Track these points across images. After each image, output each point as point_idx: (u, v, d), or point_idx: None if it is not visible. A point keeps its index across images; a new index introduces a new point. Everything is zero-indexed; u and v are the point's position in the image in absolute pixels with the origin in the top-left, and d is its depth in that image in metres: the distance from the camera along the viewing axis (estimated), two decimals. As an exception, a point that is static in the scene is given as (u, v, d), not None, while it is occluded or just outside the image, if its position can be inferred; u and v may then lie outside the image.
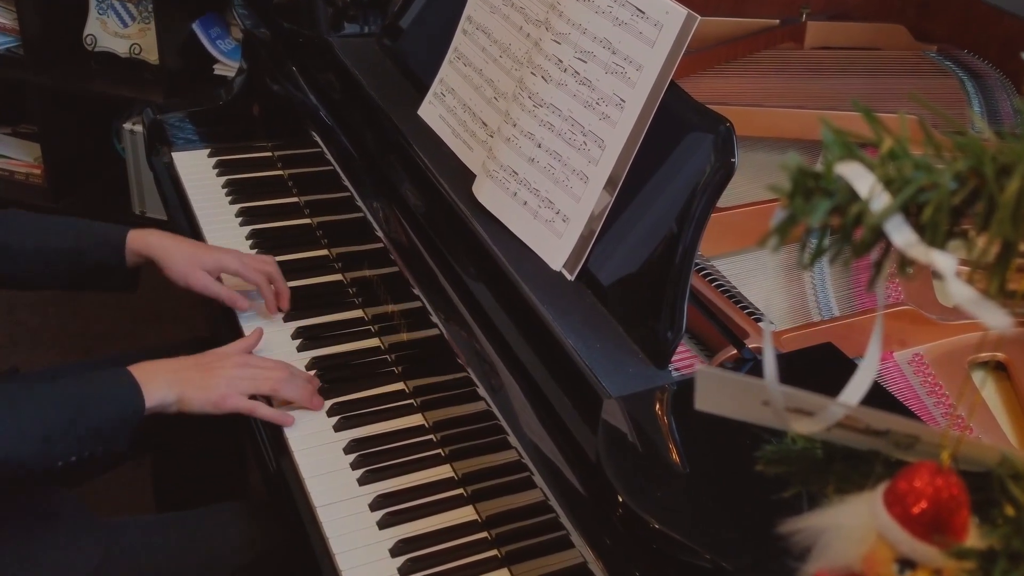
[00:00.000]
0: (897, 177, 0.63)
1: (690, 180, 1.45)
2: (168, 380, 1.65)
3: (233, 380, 1.71)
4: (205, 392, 1.68)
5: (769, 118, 2.04)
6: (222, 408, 1.70)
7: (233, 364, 1.74)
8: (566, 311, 1.51)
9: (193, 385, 1.67)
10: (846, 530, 0.70)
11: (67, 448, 1.55)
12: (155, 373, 1.66)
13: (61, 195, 3.79)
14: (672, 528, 1.17)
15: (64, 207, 3.75)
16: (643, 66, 1.51)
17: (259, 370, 1.75)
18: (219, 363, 1.73)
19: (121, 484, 2.58)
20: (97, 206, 3.78)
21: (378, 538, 1.57)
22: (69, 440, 1.55)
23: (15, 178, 3.89)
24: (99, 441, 1.58)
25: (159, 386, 1.64)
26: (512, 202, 1.65)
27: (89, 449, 1.57)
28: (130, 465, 2.14)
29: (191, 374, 1.69)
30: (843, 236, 0.64)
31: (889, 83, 2.26)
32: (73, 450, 1.55)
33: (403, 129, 1.91)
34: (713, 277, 1.64)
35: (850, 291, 1.70)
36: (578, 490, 1.35)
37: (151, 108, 2.47)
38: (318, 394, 1.80)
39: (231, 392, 1.70)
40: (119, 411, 1.60)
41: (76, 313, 3.57)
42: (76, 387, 1.60)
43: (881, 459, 0.75)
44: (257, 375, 1.74)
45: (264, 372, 1.75)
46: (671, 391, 1.39)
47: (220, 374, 1.71)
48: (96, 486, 2.02)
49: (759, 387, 0.70)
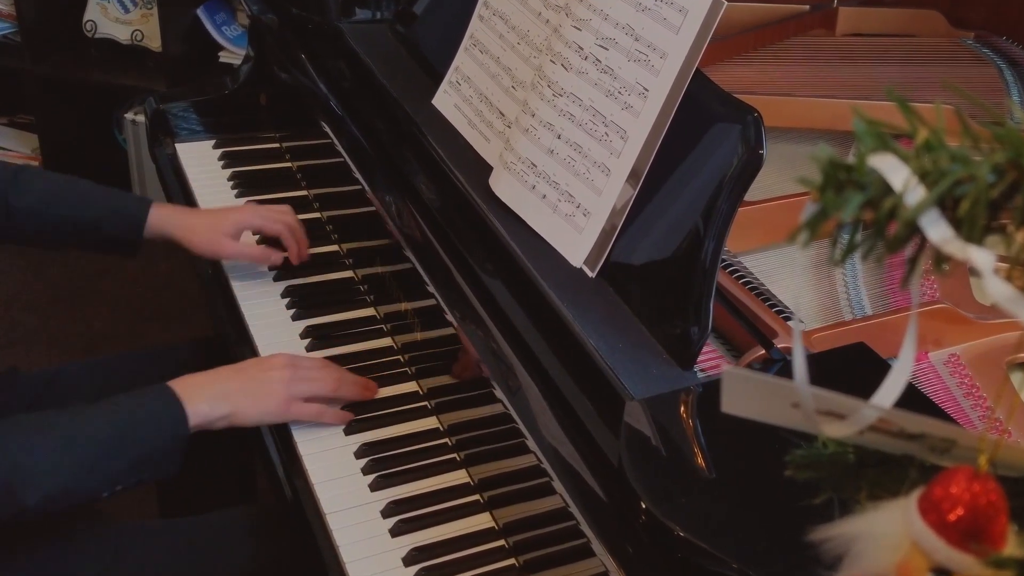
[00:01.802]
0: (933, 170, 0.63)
1: (716, 173, 1.45)
2: (213, 394, 1.62)
3: (290, 384, 1.68)
4: (263, 402, 1.66)
5: (799, 108, 2.04)
6: (286, 417, 1.69)
7: (282, 367, 1.70)
8: (587, 309, 1.51)
9: (246, 396, 1.65)
10: (879, 538, 0.70)
11: (113, 477, 1.53)
12: (198, 387, 1.62)
13: (60, 188, 3.80)
14: (698, 536, 1.17)
15: (63, 201, 3.76)
16: (667, 53, 1.51)
17: (312, 371, 1.73)
18: (267, 369, 1.70)
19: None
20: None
21: (391, 546, 1.57)
22: (114, 469, 1.53)
23: (12, 170, 3.90)
24: (146, 469, 1.56)
25: (204, 401, 1.60)
26: (530, 195, 1.65)
27: (137, 477, 1.55)
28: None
29: (239, 384, 1.66)
30: (876, 231, 0.64)
31: (924, 71, 2.26)
32: (120, 478, 1.53)
33: (417, 119, 1.91)
34: (740, 274, 1.64)
35: (883, 289, 1.70)
36: (599, 496, 1.36)
37: (153, 97, 2.48)
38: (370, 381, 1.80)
39: (292, 397, 1.68)
40: (163, 435, 1.57)
41: (75, 312, 3.59)
42: (115, 412, 1.56)
43: (916, 464, 0.75)
44: (312, 375, 1.72)
45: (318, 372, 1.73)
46: (696, 393, 1.39)
47: (274, 379, 1.68)
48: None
49: (788, 389, 0.71)
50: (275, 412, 1.67)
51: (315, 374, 1.72)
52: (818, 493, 0.79)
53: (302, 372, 1.71)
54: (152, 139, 2.47)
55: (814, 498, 0.79)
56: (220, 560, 1.76)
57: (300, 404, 1.69)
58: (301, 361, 1.75)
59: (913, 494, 0.70)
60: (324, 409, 1.72)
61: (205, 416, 1.60)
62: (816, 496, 0.79)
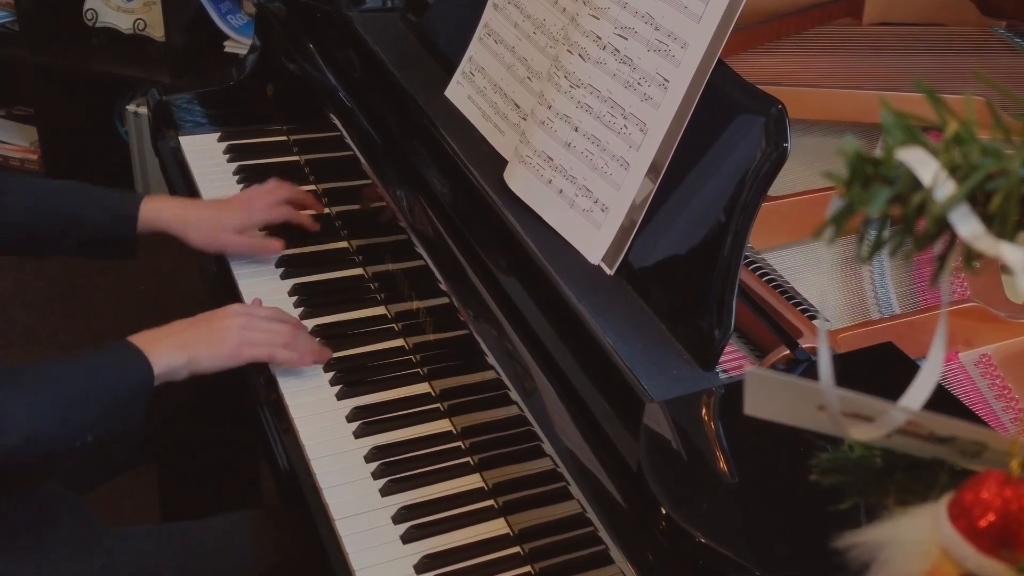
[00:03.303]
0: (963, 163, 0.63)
1: (739, 166, 1.45)
2: (172, 344, 1.68)
3: (243, 330, 1.75)
4: (217, 347, 1.72)
5: (824, 99, 2.03)
6: (239, 359, 1.75)
7: (235, 315, 1.77)
8: (605, 308, 1.51)
9: (201, 342, 1.71)
10: (907, 545, 0.70)
11: (84, 425, 1.58)
12: (156, 339, 1.68)
13: (59, 182, 3.81)
14: (720, 542, 1.17)
15: (62, 195, 3.77)
16: (688, 43, 1.51)
17: (265, 321, 1.80)
18: (221, 318, 1.76)
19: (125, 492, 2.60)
20: (98, 194, 3.80)
21: (402, 553, 1.57)
22: (86, 417, 1.58)
23: (10, 164, 3.91)
24: (115, 416, 1.61)
25: (163, 351, 1.66)
26: (547, 190, 1.66)
27: (105, 425, 1.60)
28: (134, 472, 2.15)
29: (195, 332, 1.72)
30: (904, 227, 0.64)
31: (954, 62, 2.25)
32: (90, 427, 1.58)
33: (429, 111, 1.91)
34: (764, 271, 1.64)
35: (912, 287, 1.70)
36: (618, 501, 1.36)
37: (157, 88, 2.48)
38: (324, 346, 1.86)
39: (244, 341, 1.74)
40: (129, 381, 1.63)
41: (74, 310, 3.59)
42: (81, 362, 1.64)
43: (945, 468, 0.75)
44: (266, 326, 1.79)
45: (272, 323, 1.80)
46: (718, 394, 1.39)
47: (227, 325, 1.75)
48: (99, 494, 2.04)
49: (813, 390, 0.71)
50: (228, 355, 1.73)
51: (269, 325, 1.79)
52: (844, 498, 0.79)
53: (256, 321, 1.78)
54: (155, 132, 2.48)
55: (840, 504, 0.80)
56: (223, 565, 1.76)
57: (251, 346, 1.76)
58: (255, 310, 1.83)
59: (942, 499, 0.70)
60: (277, 348, 1.78)
61: (168, 365, 1.66)
62: (842, 501, 0.79)
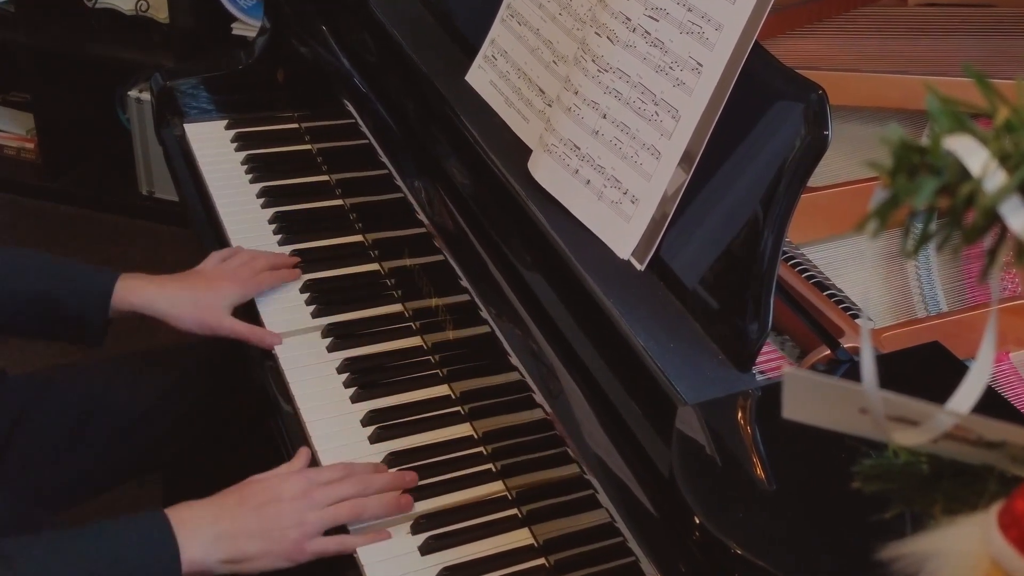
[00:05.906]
0: (1014, 152, 0.63)
1: (777, 156, 1.45)
2: (212, 535, 1.53)
3: (303, 517, 1.57)
4: (272, 544, 1.55)
5: (867, 85, 2.03)
6: (301, 560, 1.57)
7: (292, 496, 1.58)
8: (635, 306, 1.51)
9: (251, 537, 1.54)
10: (955, 556, 0.70)
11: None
12: (195, 523, 1.53)
13: (57, 173, 3.82)
14: (756, 554, 1.17)
15: (61, 186, 3.78)
16: (723, 25, 1.51)
17: (326, 491, 1.60)
18: (274, 499, 1.58)
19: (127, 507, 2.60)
20: (98, 186, 3.81)
21: (420, 565, 1.58)
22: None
23: (5, 153, 3.91)
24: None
25: (200, 542, 1.52)
26: (573, 181, 1.66)
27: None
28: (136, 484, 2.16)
29: (243, 523, 1.55)
30: (952, 220, 0.65)
31: (1004, 45, 2.24)
32: None
33: (449, 97, 1.91)
34: (803, 267, 1.64)
35: (960, 283, 1.69)
36: (649, 510, 1.36)
37: (160, 73, 2.49)
38: (405, 493, 1.66)
39: (304, 535, 1.57)
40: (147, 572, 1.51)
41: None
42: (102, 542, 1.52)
43: (995, 475, 0.75)
44: (327, 499, 1.59)
45: (333, 492, 1.60)
46: (755, 397, 1.39)
47: (283, 513, 1.57)
48: (98, 508, 2.03)
49: (856, 393, 0.71)
50: (287, 557, 1.57)
51: (329, 495, 1.60)
52: (888, 507, 0.80)
53: (314, 498, 1.59)
54: (158, 119, 2.48)
55: (884, 512, 0.80)
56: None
57: (315, 541, 1.58)
58: (311, 475, 1.63)
59: (993, 508, 0.70)
60: (346, 537, 1.60)
61: (200, 560, 1.52)
62: (886, 510, 0.80)
